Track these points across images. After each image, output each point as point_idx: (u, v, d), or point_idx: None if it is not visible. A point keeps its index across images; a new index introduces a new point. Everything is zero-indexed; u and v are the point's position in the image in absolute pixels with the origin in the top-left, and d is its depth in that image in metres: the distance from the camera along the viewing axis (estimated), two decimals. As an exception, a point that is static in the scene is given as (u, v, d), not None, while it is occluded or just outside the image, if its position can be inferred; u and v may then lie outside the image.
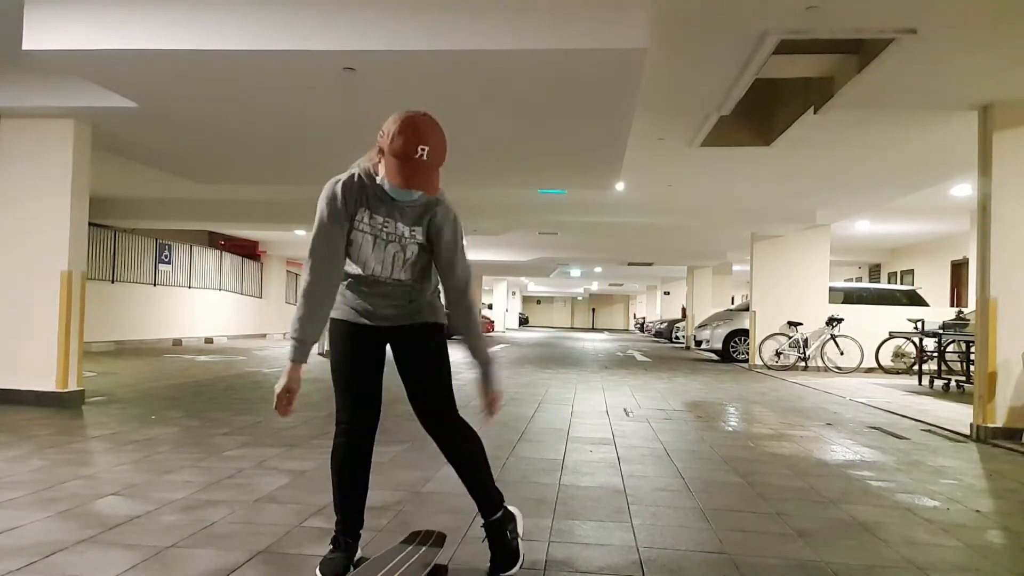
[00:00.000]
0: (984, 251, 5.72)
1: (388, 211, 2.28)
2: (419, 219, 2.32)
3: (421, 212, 2.31)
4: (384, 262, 2.31)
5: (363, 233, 2.28)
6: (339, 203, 2.24)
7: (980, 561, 2.75)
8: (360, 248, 2.29)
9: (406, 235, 2.30)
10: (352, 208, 2.26)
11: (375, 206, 2.27)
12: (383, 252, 2.30)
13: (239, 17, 4.35)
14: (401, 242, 2.31)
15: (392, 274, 2.33)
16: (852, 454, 4.94)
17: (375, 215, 2.27)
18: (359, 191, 2.27)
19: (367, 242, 2.28)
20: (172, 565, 2.46)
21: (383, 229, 2.28)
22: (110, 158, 7.98)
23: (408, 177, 2.10)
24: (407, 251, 2.32)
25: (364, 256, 2.30)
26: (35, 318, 6.19)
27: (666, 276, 31.04)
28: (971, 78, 5.26)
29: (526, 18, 4.23)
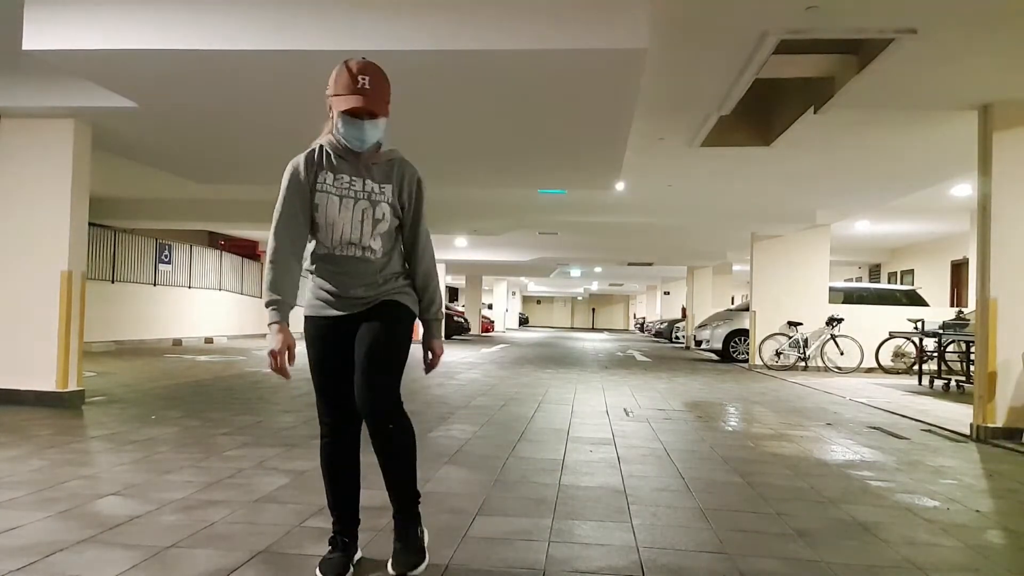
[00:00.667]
0: (984, 251, 5.72)
1: (354, 170, 2.32)
2: (387, 176, 2.36)
3: (388, 170, 2.37)
4: (353, 222, 2.30)
5: (327, 194, 2.29)
6: (300, 176, 2.31)
7: (980, 561, 2.75)
8: (326, 210, 2.29)
9: (375, 191, 2.33)
10: (312, 176, 2.31)
11: (338, 167, 2.32)
12: (351, 211, 2.30)
13: (239, 17, 4.35)
14: (371, 198, 2.32)
15: (362, 239, 2.31)
16: (852, 454, 4.94)
17: (339, 175, 2.31)
18: (319, 158, 2.33)
19: (332, 203, 2.29)
20: (172, 565, 2.46)
21: (350, 188, 2.31)
22: (110, 158, 7.98)
23: (356, 103, 2.19)
24: (376, 209, 2.32)
25: (331, 217, 2.29)
26: (35, 318, 6.19)
27: (666, 276, 31.04)
28: (971, 78, 5.26)
29: (526, 18, 4.23)
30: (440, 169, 8.11)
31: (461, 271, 28.20)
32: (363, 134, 2.27)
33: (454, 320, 25.48)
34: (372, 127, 2.29)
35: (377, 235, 2.33)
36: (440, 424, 5.69)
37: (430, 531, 2.68)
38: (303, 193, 2.31)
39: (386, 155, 2.40)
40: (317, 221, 2.32)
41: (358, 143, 2.29)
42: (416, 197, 2.43)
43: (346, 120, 2.25)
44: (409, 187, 2.41)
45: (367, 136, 2.29)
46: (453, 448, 4.73)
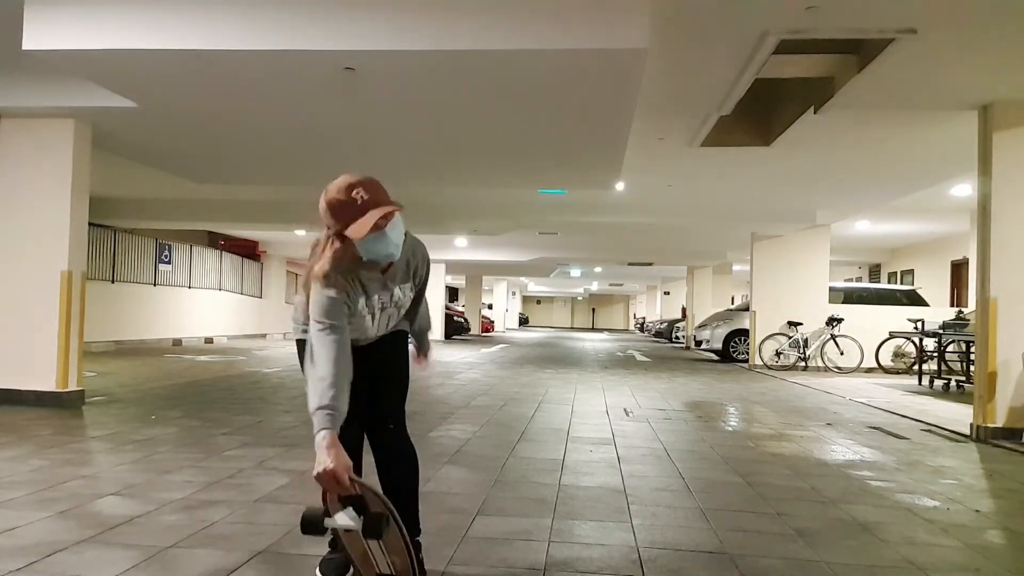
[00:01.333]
0: (984, 251, 5.72)
1: (382, 285, 2.28)
2: (407, 274, 2.36)
3: (406, 264, 2.33)
4: (378, 326, 2.36)
5: (362, 318, 2.28)
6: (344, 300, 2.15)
7: (980, 561, 2.75)
8: (364, 319, 2.28)
9: (401, 297, 2.36)
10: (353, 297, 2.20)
11: (369, 288, 2.24)
12: (377, 319, 2.33)
13: (239, 17, 4.35)
14: (397, 304, 2.37)
15: (383, 330, 2.40)
16: (852, 454, 4.94)
17: (370, 296, 2.25)
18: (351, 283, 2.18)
19: (367, 315, 2.29)
20: (172, 565, 2.46)
21: (379, 302, 2.30)
22: (110, 158, 7.98)
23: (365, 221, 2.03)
24: (401, 310, 2.40)
25: (361, 330, 2.30)
26: (35, 318, 6.19)
27: (666, 276, 31.03)
28: (971, 78, 5.26)
29: (526, 18, 4.23)
30: (440, 169, 8.11)
31: (461, 271, 28.20)
32: (389, 244, 2.11)
33: (454, 320, 25.47)
34: (393, 229, 2.11)
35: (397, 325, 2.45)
36: (440, 424, 5.69)
37: (430, 531, 2.68)
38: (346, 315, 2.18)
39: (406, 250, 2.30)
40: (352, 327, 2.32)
41: (392, 252, 2.15)
42: (425, 276, 2.45)
43: (368, 240, 2.07)
44: (421, 270, 2.41)
45: (394, 241, 2.13)
46: (453, 448, 4.73)
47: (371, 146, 7.00)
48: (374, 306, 2.29)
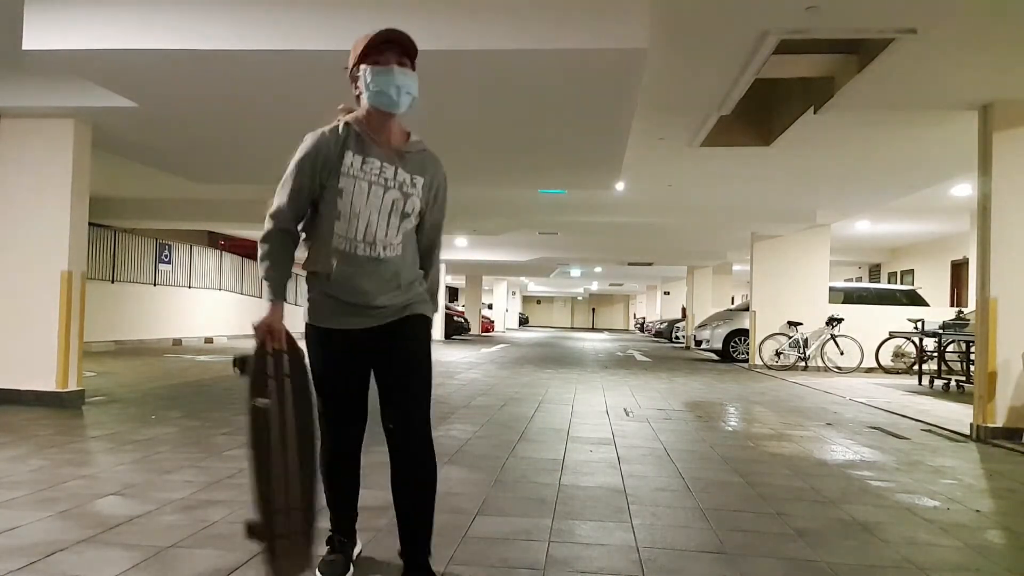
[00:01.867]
0: (984, 251, 5.72)
1: (385, 156, 2.10)
2: (420, 168, 2.17)
3: (420, 161, 2.18)
4: (382, 213, 2.07)
5: (354, 179, 2.05)
6: (322, 151, 2.08)
7: (980, 561, 2.75)
8: (352, 198, 2.05)
9: (407, 183, 2.12)
10: (337, 154, 2.06)
11: (368, 149, 2.08)
12: (381, 200, 2.07)
13: (238, 17, 4.35)
14: (403, 189, 2.10)
15: (387, 234, 2.09)
16: (852, 454, 4.94)
17: (369, 159, 2.07)
18: (344, 137, 2.09)
19: (361, 190, 2.05)
20: (172, 565, 2.46)
21: (381, 175, 2.08)
22: (110, 158, 7.98)
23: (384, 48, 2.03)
24: (408, 202, 2.11)
25: (358, 206, 2.05)
26: (35, 318, 6.18)
27: (666, 276, 31.03)
28: (971, 78, 5.26)
29: (526, 18, 4.23)
30: (440, 169, 8.09)
31: (461, 271, 28.20)
32: (394, 80, 2.04)
33: (454, 320, 25.47)
34: (403, 75, 2.05)
35: (402, 232, 2.13)
36: (441, 424, 5.69)
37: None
38: (319, 171, 2.08)
39: (416, 144, 2.21)
40: (339, 209, 2.06)
41: (392, 96, 2.05)
42: (443, 196, 2.28)
43: (375, 72, 2.04)
44: (438, 183, 2.24)
45: (399, 83, 2.05)
46: (453, 448, 4.73)
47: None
48: (371, 173, 2.06)
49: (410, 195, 2.12)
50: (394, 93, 2.05)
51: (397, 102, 2.06)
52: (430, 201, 2.22)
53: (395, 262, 2.13)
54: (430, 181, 2.20)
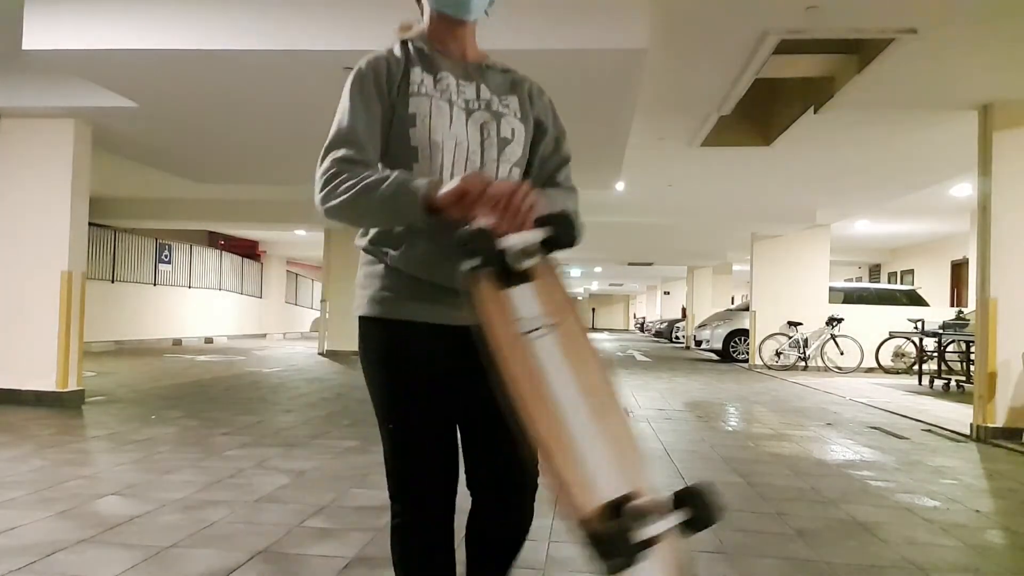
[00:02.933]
0: (984, 251, 5.71)
1: (460, 71, 1.50)
2: (509, 87, 1.57)
3: (506, 80, 1.59)
4: (471, 140, 1.44)
5: (428, 97, 1.43)
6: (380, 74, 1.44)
7: (980, 561, 2.75)
8: (431, 122, 1.41)
9: (495, 102, 1.51)
10: (399, 76, 1.44)
11: (438, 65, 1.49)
12: (464, 126, 1.44)
13: (238, 17, 4.35)
14: (491, 108, 1.49)
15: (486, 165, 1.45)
16: (852, 454, 4.94)
17: (442, 74, 1.47)
18: (405, 56, 1.48)
19: (440, 111, 1.42)
20: (172, 565, 2.46)
21: (459, 93, 1.47)
22: (110, 158, 7.98)
23: None
24: (502, 124, 1.49)
25: (439, 134, 1.41)
26: (35, 318, 6.19)
27: (666, 276, 31.02)
28: (971, 78, 5.26)
29: (526, 18, 4.22)
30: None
31: (461, 271, 28.11)
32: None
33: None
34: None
35: (507, 164, 1.48)
36: (440, 424, 5.68)
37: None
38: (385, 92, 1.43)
39: (498, 63, 1.61)
40: (415, 144, 1.40)
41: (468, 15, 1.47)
42: (554, 115, 1.65)
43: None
44: (542, 101, 1.62)
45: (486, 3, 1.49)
46: (453, 448, 4.72)
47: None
48: (448, 90, 1.46)
49: (503, 115, 1.50)
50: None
51: (468, 4, 1.46)
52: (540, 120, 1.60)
53: None
54: (527, 99, 1.58)
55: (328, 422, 5.51)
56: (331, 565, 2.51)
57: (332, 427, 5.28)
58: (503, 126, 1.49)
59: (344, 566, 2.49)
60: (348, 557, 2.57)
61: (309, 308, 24.79)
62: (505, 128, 1.49)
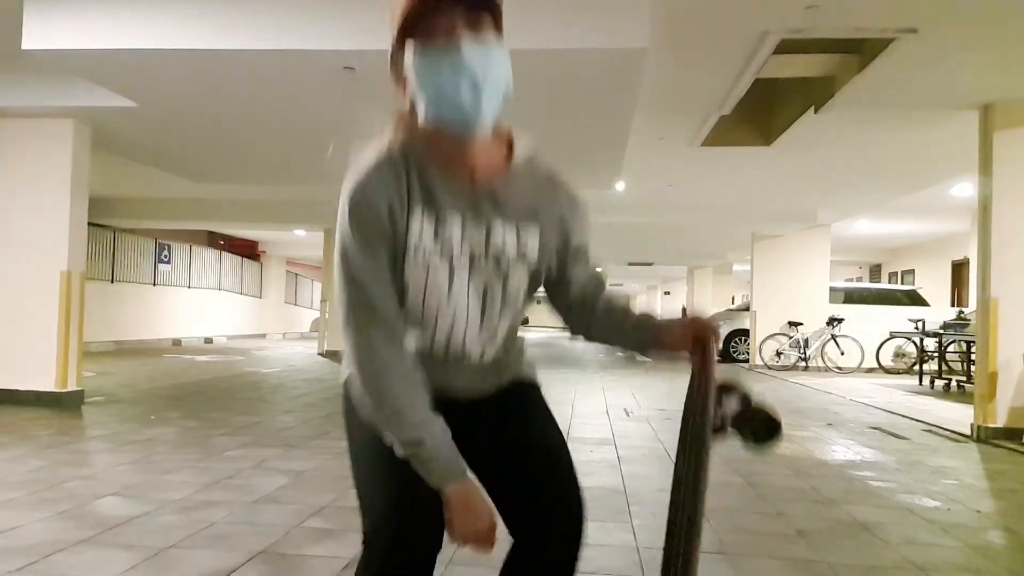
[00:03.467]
0: (985, 251, 5.71)
1: (468, 202, 1.21)
2: (531, 208, 1.28)
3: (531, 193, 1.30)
4: (471, 311, 1.25)
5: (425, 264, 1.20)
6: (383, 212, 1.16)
7: (980, 561, 2.75)
8: (427, 296, 1.21)
9: (511, 245, 1.24)
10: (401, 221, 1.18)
11: (440, 198, 1.19)
12: (466, 292, 1.23)
13: (239, 17, 4.35)
14: (501, 261, 1.24)
15: (483, 334, 1.28)
16: (853, 454, 4.93)
17: (445, 215, 1.20)
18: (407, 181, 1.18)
19: (438, 277, 1.21)
20: (172, 565, 2.46)
21: (464, 242, 1.21)
22: (110, 158, 7.98)
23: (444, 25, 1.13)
24: (510, 282, 1.27)
25: (434, 302, 1.22)
26: (35, 318, 6.18)
27: (666, 276, 31.00)
28: (971, 78, 5.25)
29: (526, 18, 4.22)
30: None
31: (461, 271, 28.13)
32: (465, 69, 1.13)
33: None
34: (483, 55, 1.16)
35: (508, 321, 1.31)
36: (440, 424, 5.68)
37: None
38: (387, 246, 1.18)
39: (527, 164, 1.34)
40: (407, 308, 1.23)
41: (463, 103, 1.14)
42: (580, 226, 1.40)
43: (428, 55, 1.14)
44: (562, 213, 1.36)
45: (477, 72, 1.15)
46: (453, 448, 4.72)
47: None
48: (452, 244, 1.20)
49: (514, 268, 1.26)
50: (467, 94, 1.13)
51: (475, 114, 1.16)
52: (561, 248, 1.34)
53: (498, 360, 1.36)
54: (551, 218, 1.32)
55: (328, 422, 5.50)
56: (330, 566, 2.50)
57: (331, 427, 5.28)
58: (511, 283, 1.27)
59: (344, 566, 2.49)
60: (347, 557, 2.57)
61: (309, 308, 24.79)
62: (513, 284, 1.27)
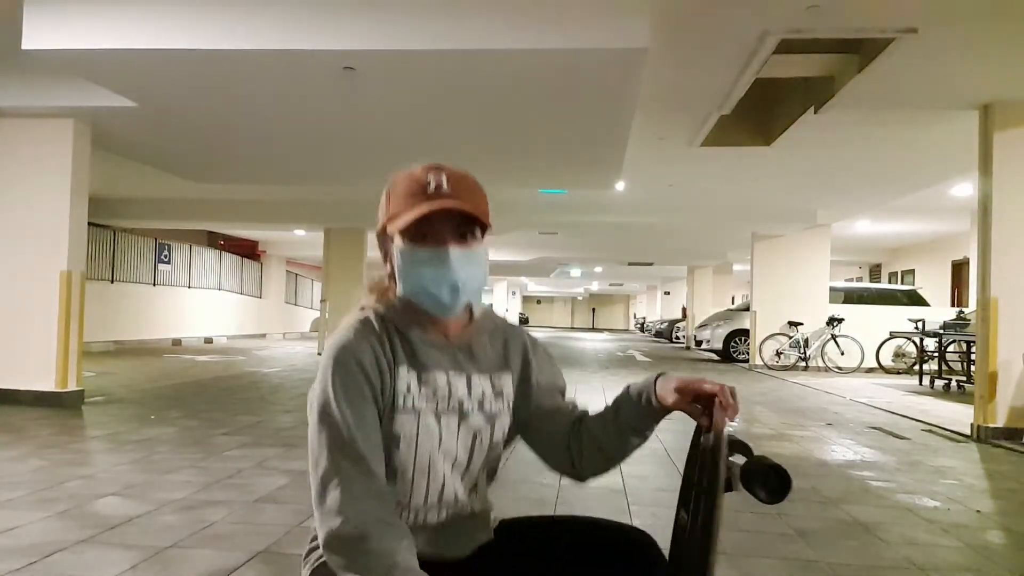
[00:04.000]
0: (985, 251, 5.71)
1: (449, 358, 1.28)
2: (502, 359, 1.35)
3: (499, 346, 1.36)
4: (458, 462, 1.27)
5: (415, 413, 1.22)
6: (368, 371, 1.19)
7: (980, 561, 2.75)
8: (418, 447, 1.22)
9: (488, 393, 1.30)
10: (387, 379, 1.21)
11: (424, 356, 1.25)
12: (457, 440, 1.26)
13: (238, 17, 4.35)
14: (486, 409, 1.29)
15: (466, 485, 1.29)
16: (853, 454, 4.93)
17: (428, 373, 1.25)
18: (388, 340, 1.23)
19: (428, 430, 1.23)
20: (172, 565, 2.46)
21: (450, 397, 1.26)
22: (110, 158, 7.98)
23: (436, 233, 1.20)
24: (495, 428, 1.31)
25: (424, 459, 1.23)
26: (35, 318, 6.18)
27: (666, 276, 31.02)
28: (971, 78, 5.26)
29: (526, 18, 4.22)
30: (440, 169, 8.10)
31: (461, 271, 28.11)
32: (450, 274, 1.20)
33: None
34: (467, 261, 1.21)
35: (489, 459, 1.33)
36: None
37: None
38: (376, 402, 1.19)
39: (487, 318, 1.37)
40: (395, 466, 1.22)
41: (444, 298, 1.21)
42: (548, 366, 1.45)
43: (415, 257, 1.21)
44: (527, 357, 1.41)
45: (458, 277, 1.20)
46: (453, 448, 4.72)
47: (371, 146, 6.99)
48: (438, 396, 1.25)
49: (497, 415, 1.31)
50: (447, 294, 1.21)
51: (452, 308, 1.23)
52: (535, 381, 1.39)
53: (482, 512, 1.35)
54: (520, 364, 1.38)
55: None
56: (331, 565, 2.50)
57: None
58: (496, 429, 1.31)
59: (344, 566, 2.49)
60: (348, 557, 2.56)
61: (309, 308, 24.80)
62: (497, 431, 1.32)
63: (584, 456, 1.34)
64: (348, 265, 14.18)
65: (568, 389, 1.47)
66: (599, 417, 1.36)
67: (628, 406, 1.31)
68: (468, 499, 1.30)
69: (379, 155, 7.35)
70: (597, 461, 1.34)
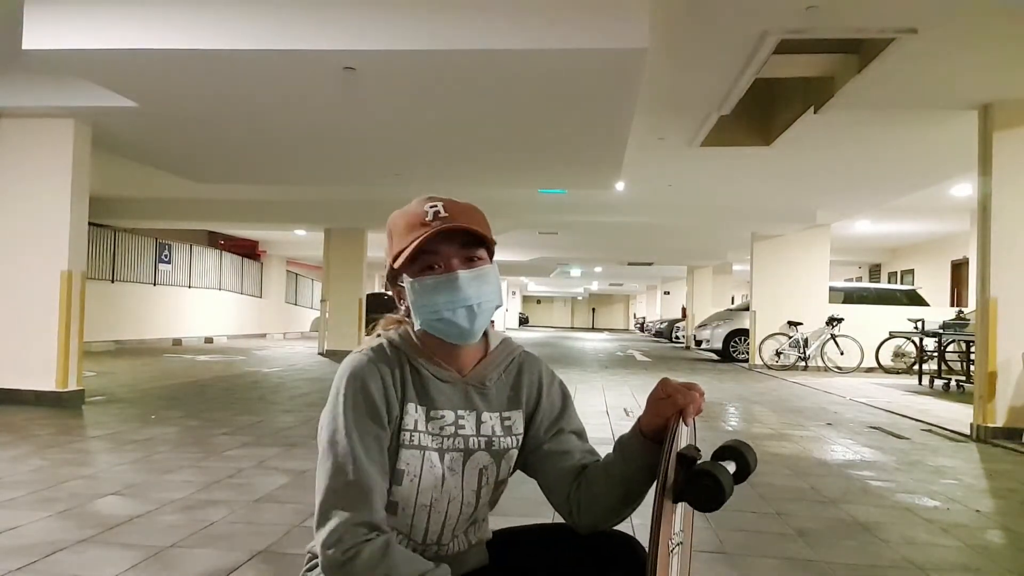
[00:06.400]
0: (984, 251, 5.71)
1: (459, 395, 1.29)
2: (513, 396, 1.34)
3: (512, 382, 1.35)
4: (465, 499, 1.28)
5: (422, 450, 1.23)
6: (376, 398, 1.21)
7: (980, 561, 2.75)
8: (420, 482, 1.23)
9: (497, 430, 1.30)
10: (396, 411, 1.23)
11: (433, 391, 1.27)
12: (461, 479, 1.27)
13: (239, 17, 4.35)
14: (492, 447, 1.30)
15: (467, 521, 1.31)
16: (852, 454, 4.94)
17: (436, 409, 1.26)
18: (400, 371, 1.25)
19: (432, 468, 1.24)
20: (172, 565, 2.46)
21: (456, 434, 1.27)
22: (110, 158, 7.99)
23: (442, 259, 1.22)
24: (501, 466, 1.31)
25: (427, 495, 1.24)
26: (35, 318, 6.18)
27: (666, 276, 31.03)
28: (971, 78, 5.26)
29: (526, 18, 4.23)
30: (440, 169, 8.11)
31: (461, 271, 28.11)
32: (462, 297, 1.21)
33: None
34: (478, 280, 1.23)
35: (492, 493, 1.34)
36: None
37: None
38: (383, 429, 1.21)
39: (502, 353, 1.36)
40: (396, 499, 1.23)
41: (461, 323, 1.23)
42: (560, 402, 1.39)
43: (427, 284, 1.23)
44: (551, 396, 1.39)
45: (470, 298, 1.22)
46: (453, 448, 4.72)
47: (371, 146, 7.00)
48: (445, 432, 1.26)
49: (504, 452, 1.31)
50: (463, 318, 1.23)
51: (471, 331, 1.24)
52: (547, 419, 1.36)
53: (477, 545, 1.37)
54: (534, 401, 1.36)
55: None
56: (331, 565, 2.50)
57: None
58: (502, 467, 1.31)
59: (344, 566, 2.49)
60: (348, 557, 2.57)
61: (309, 308, 24.80)
62: (504, 469, 1.32)
63: (583, 505, 1.29)
64: (348, 265, 14.18)
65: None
66: (602, 461, 1.33)
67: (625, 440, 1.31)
68: (467, 536, 1.32)
69: (379, 155, 7.36)
70: (595, 509, 1.28)
